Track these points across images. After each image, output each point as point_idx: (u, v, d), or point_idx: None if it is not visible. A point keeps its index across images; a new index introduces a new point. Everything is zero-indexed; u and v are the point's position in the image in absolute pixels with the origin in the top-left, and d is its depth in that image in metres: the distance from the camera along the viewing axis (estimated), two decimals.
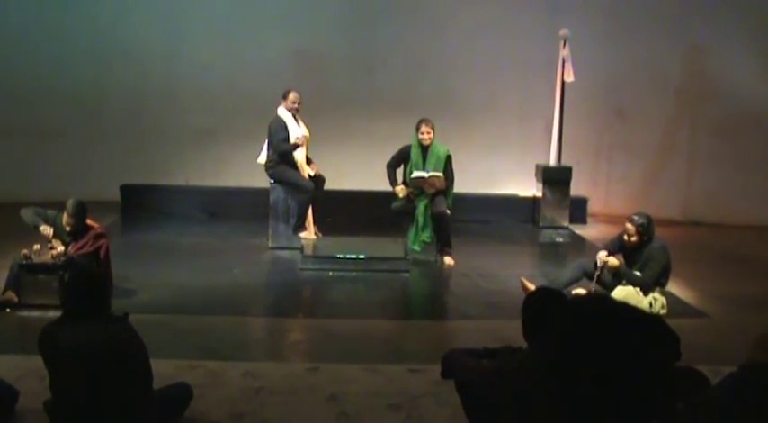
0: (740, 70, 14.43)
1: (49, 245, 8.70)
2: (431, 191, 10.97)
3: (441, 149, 11.10)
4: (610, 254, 8.97)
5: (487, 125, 14.85)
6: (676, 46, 14.63)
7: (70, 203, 8.70)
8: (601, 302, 4.49)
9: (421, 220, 11.00)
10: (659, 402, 4.08)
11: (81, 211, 8.71)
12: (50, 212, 8.95)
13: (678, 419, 4.31)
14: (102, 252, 8.74)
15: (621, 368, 4.00)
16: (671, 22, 14.53)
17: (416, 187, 11.03)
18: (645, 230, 8.73)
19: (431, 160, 11.05)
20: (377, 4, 15.05)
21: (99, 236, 8.83)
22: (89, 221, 8.86)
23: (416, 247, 11.09)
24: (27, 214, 8.93)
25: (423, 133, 11.04)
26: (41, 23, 14.58)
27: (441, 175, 10.96)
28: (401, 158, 11.30)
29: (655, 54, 14.69)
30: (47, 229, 8.77)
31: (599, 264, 8.92)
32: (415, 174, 10.98)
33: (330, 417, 6.05)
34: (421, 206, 11.02)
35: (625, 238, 8.84)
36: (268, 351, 7.94)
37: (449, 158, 11.13)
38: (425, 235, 11.04)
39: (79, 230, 8.73)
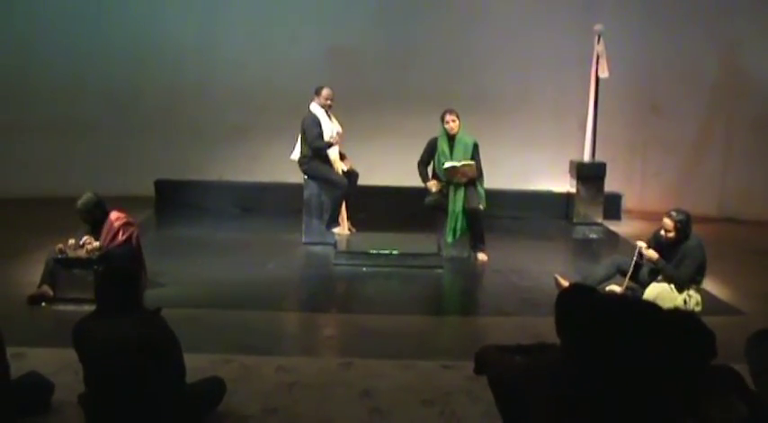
0: None
1: (84, 240, 8.72)
2: (463, 180, 10.93)
3: (467, 138, 11.08)
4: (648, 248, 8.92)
5: (521, 121, 14.82)
6: (711, 41, 14.54)
7: (78, 204, 8.78)
8: (633, 303, 4.47)
9: (456, 209, 10.95)
10: (693, 400, 4.06)
11: (89, 206, 8.77)
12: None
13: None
14: (134, 240, 8.82)
15: (655, 365, 3.99)
16: (706, 17, 14.43)
17: (449, 177, 10.99)
18: (683, 226, 8.65)
19: (458, 149, 11.03)
20: (411, 1, 15.05)
21: (128, 224, 8.89)
22: (114, 213, 8.90)
23: (450, 239, 11.05)
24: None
25: (448, 122, 11.04)
26: (77, 21, 14.67)
27: (472, 163, 10.92)
28: (430, 152, 11.27)
29: (690, 49, 14.60)
30: (89, 239, 8.78)
31: (638, 254, 8.85)
32: (447, 164, 10.94)
33: (363, 412, 6.05)
34: (455, 199, 10.98)
35: (662, 233, 8.76)
36: (301, 346, 7.95)
37: (476, 147, 11.09)
38: (459, 227, 10.99)
39: (98, 221, 8.80)
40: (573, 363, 4.14)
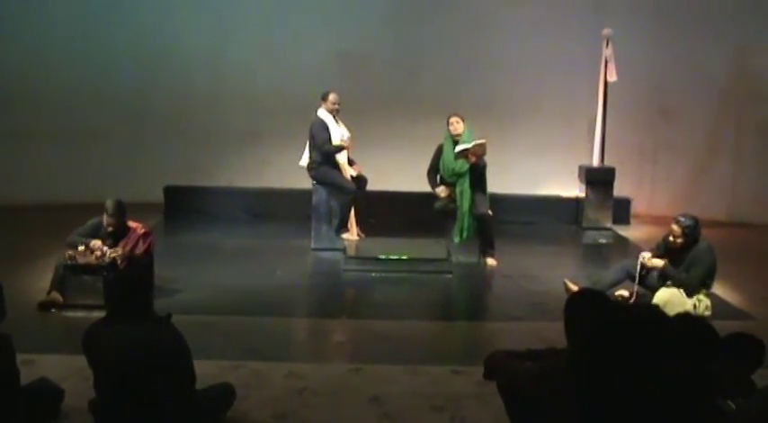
0: None
1: (93, 245, 8.72)
2: (473, 160, 10.84)
3: (470, 139, 11.03)
4: (655, 255, 8.90)
5: (531, 126, 14.81)
6: (721, 45, 14.51)
7: (109, 204, 8.77)
8: (642, 309, 4.46)
9: (464, 209, 10.91)
10: (707, 407, 4.05)
11: (121, 210, 8.80)
12: (89, 223, 8.99)
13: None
14: (152, 249, 8.88)
15: (665, 372, 3.98)
16: (716, 21, 14.42)
17: (462, 158, 10.88)
18: (691, 232, 8.64)
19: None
20: (421, 6, 15.06)
21: (147, 234, 8.94)
22: (131, 223, 8.92)
23: (457, 239, 11.03)
24: (71, 240, 8.88)
25: (452, 123, 11.07)
26: (87, 29, 14.69)
27: (483, 141, 10.83)
28: (438, 158, 11.29)
29: (699, 54, 14.57)
30: (97, 243, 8.77)
31: (640, 266, 8.85)
32: (458, 148, 10.88)
33: (372, 418, 6.04)
34: (462, 200, 10.94)
35: (671, 239, 8.75)
36: (311, 352, 7.93)
37: None
38: (467, 227, 10.94)
39: (120, 230, 8.81)
40: (581, 367, 4.13)
